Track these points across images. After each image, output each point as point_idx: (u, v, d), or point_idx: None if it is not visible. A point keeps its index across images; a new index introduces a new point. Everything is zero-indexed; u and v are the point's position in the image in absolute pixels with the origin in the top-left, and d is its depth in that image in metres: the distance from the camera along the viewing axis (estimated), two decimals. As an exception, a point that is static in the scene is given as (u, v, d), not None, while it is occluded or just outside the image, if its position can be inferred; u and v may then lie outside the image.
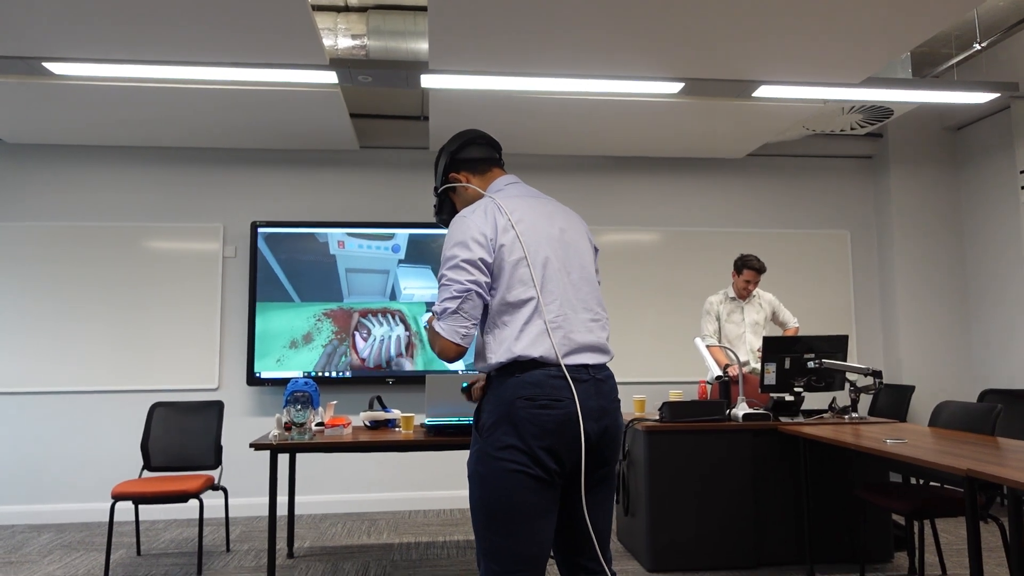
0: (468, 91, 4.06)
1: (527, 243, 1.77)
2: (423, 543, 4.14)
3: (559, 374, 1.70)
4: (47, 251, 4.95)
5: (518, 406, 1.67)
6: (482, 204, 1.82)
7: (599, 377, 1.76)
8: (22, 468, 4.80)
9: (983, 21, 4.36)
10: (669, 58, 3.61)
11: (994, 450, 2.59)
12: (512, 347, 1.70)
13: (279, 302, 4.95)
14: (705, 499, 3.50)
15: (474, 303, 1.72)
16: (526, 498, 1.66)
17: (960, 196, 5.63)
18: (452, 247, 1.75)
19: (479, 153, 1.97)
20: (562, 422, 1.68)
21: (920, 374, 5.41)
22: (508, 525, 1.66)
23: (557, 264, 1.79)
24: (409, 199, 5.31)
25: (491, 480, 1.68)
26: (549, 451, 1.67)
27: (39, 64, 3.55)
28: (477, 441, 1.75)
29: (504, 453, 1.67)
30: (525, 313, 1.73)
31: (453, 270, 1.72)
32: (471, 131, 2.01)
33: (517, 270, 1.74)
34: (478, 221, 1.76)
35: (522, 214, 1.80)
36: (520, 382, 1.69)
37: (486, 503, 1.69)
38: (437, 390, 3.41)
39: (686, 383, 5.29)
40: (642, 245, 5.47)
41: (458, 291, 1.71)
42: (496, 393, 1.73)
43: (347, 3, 3.99)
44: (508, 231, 1.76)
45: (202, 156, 5.19)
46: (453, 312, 1.71)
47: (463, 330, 1.71)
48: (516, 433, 1.67)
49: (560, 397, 1.68)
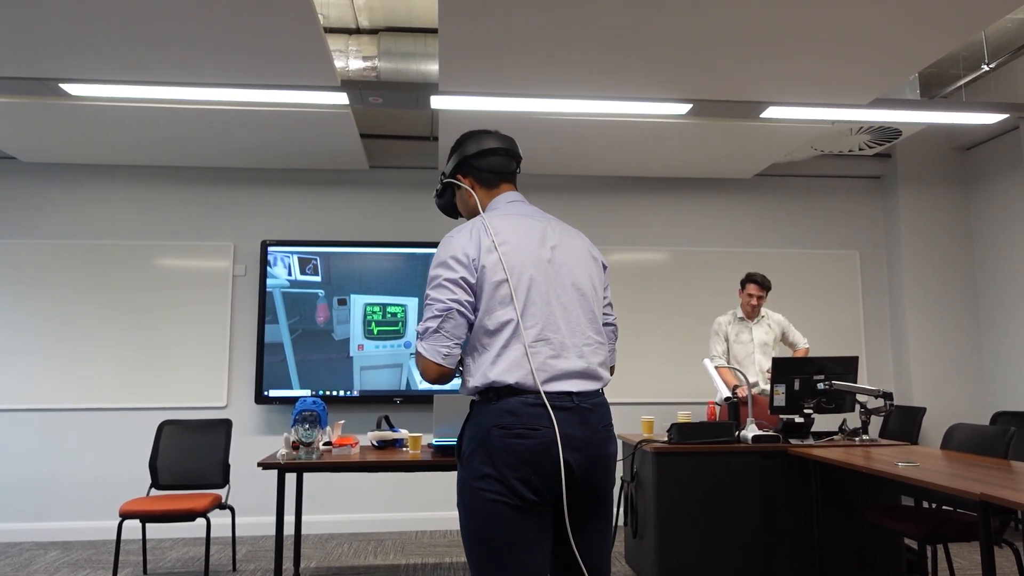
0: (477, 112, 4.09)
1: (510, 264, 1.71)
2: (430, 564, 4.11)
3: (537, 402, 1.64)
4: (59, 269, 4.99)
5: (493, 435, 1.63)
6: (470, 224, 1.79)
7: (584, 405, 1.69)
8: (30, 485, 4.81)
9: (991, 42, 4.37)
10: (677, 79, 3.63)
11: (1008, 474, 2.56)
12: (488, 372, 1.66)
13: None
14: (714, 522, 3.47)
15: (456, 322, 1.68)
16: (507, 527, 1.61)
17: (970, 216, 5.61)
18: (435, 267, 1.72)
19: (493, 166, 1.91)
20: (537, 452, 1.62)
21: (931, 396, 5.36)
22: (494, 555, 1.61)
23: (543, 286, 1.73)
24: (419, 219, 5.34)
25: (472, 509, 1.64)
26: (524, 481, 1.61)
27: (55, 85, 3.61)
28: (460, 469, 1.71)
29: (482, 483, 1.63)
30: (504, 336, 1.68)
31: (436, 289, 1.69)
32: (493, 139, 1.93)
33: (498, 292, 1.69)
34: (462, 241, 1.73)
35: (508, 235, 1.75)
36: (496, 410, 1.64)
37: (471, 532, 1.64)
38: (445, 410, 3.41)
39: (695, 404, 5.25)
40: (650, 265, 5.47)
41: (439, 310, 1.67)
42: (474, 421, 1.69)
43: (358, 25, 4.04)
44: (491, 252, 1.71)
45: (213, 176, 5.24)
46: (434, 331, 1.67)
47: (444, 350, 1.67)
48: (491, 462, 1.62)
49: (536, 426, 1.63)
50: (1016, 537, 4.19)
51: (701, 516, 3.46)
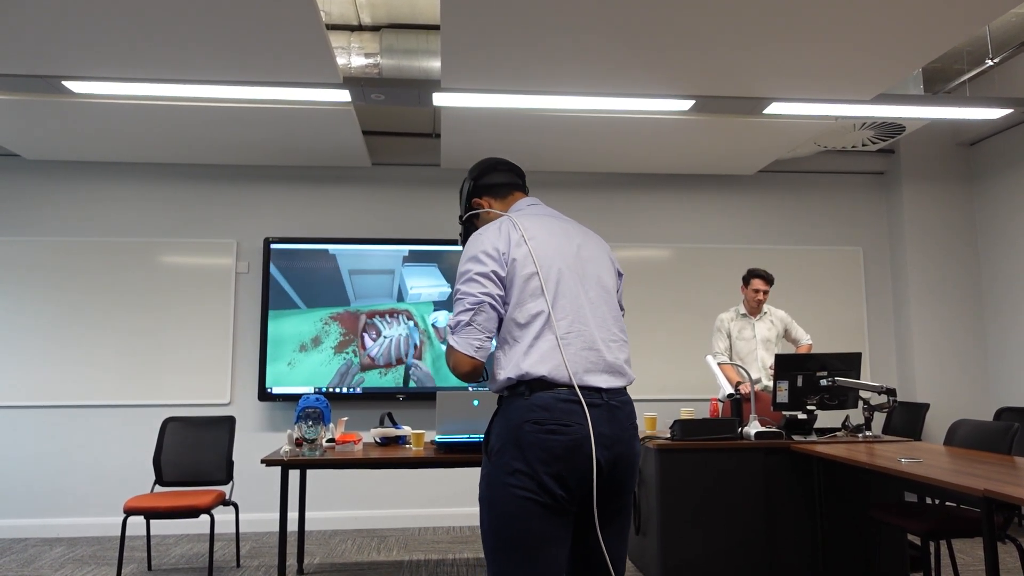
0: (480, 109, 4.09)
1: (539, 257, 1.73)
2: (433, 560, 4.12)
3: (569, 397, 1.65)
4: (63, 266, 5.00)
5: (526, 430, 1.63)
6: (496, 222, 1.82)
7: (613, 403, 1.70)
8: (35, 482, 4.83)
9: (995, 37, 4.35)
10: (680, 76, 3.62)
11: (1011, 470, 2.55)
12: (520, 363, 1.66)
13: (287, 309, 5.00)
14: (717, 518, 3.47)
15: (488, 315, 1.69)
16: (534, 525, 1.61)
17: (974, 211, 5.59)
18: (466, 262, 1.74)
19: (500, 179, 1.98)
20: (570, 448, 1.62)
21: (935, 392, 5.36)
22: (516, 551, 1.62)
23: (572, 280, 1.75)
24: (421, 216, 5.34)
25: (499, 505, 1.64)
26: (556, 477, 1.62)
27: (58, 82, 3.61)
28: (486, 464, 1.71)
29: (511, 478, 1.63)
30: (535, 328, 1.68)
31: (466, 283, 1.70)
32: (493, 158, 2.03)
33: (528, 284, 1.71)
34: (491, 236, 1.75)
35: (536, 231, 1.78)
36: (529, 405, 1.64)
37: (495, 528, 1.65)
38: (448, 407, 3.41)
39: (697, 401, 5.25)
40: (653, 262, 5.47)
41: (471, 303, 1.68)
42: (504, 415, 1.69)
43: (360, 22, 4.03)
44: (521, 246, 1.74)
45: (216, 173, 5.25)
46: (466, 324, 1.67)
47: (477, 342, 1.67)
48: (523, 458, 1.62)
49: (569, 422, 1.63)
50: (1020, 533, 4.19)
51: (704, 513, 3.46)
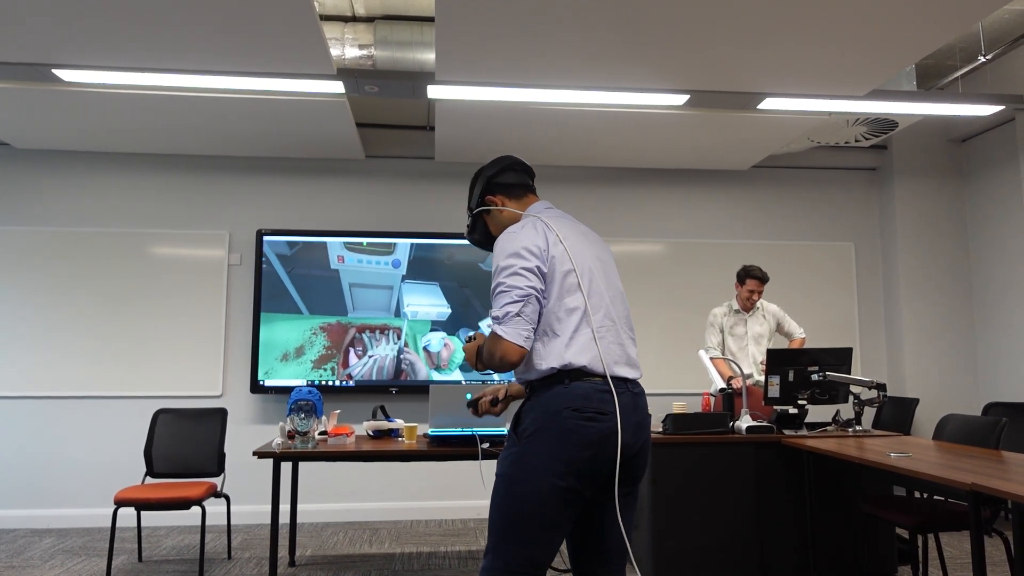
0: (474, 102, 4.08)
1: (574, 256, 1.85)
2: (425, 553, 4.13)
3: (604, 387, 1.76)
4: (54, 256, 4.97)
5: (565, 416, 1.72)
6: (529, 221, 1.90)
7: (635, 391, 1.83)
8: (25, 472, 4.81)
9: (988, 34, 4.36)
10: (675, 70, 3.62)
11: (998, 464, 2.58)
12: (563, 354, 1.76)
13: (285, 313, 4.96)
14: (708, 511, 3.49)
15: (534, 307, 1.77)
16: (553, 509, 1.70)
17: (965, 208, 5.62)
18: (507, 257, 1.81)
19: (516, 179, 2.05)
20: (605, 435, 1.73)
21: (924, 387, 5.39)
22: (524, 530, 1.70)
23: (599, 279, 1.88)
24: (415, 209, 5.33)
25: (522, 486, 1.72)
26: (590, 462, 1.72)
27: (48, 71, 3.58)
28: (514, 444, 1.78)
29: (543, 462, 1.71)
30: (574, 321, 1.79)
31: (511, 277, 1.77)
32: (509, 157, 2.10)
33: (567, 280, 1.81)
34: (530, 234, 1.84)
35: (566, 232, 1.89)
36: (568, 392, 1.74)
37: (508, 505, 1.73)
38: (441, 400, 3.41)
39: (690, 395, 5.28)
40: (646, 256, 5.48)
41: (519, 295, 1.75)
42: (541, 401, 1.77)
43: (355, 13, 4.01)
44: (558, 244, 1.84)
45: (209, 164, 5.22)
46: (515, 315, 1.74)
47: (525, 332, 1.75)
48: (558, 443, 1.71)
49: (605, 411, 1.74)
50: (1006, 527, 4.23)
51: (695, 506, 3.48)
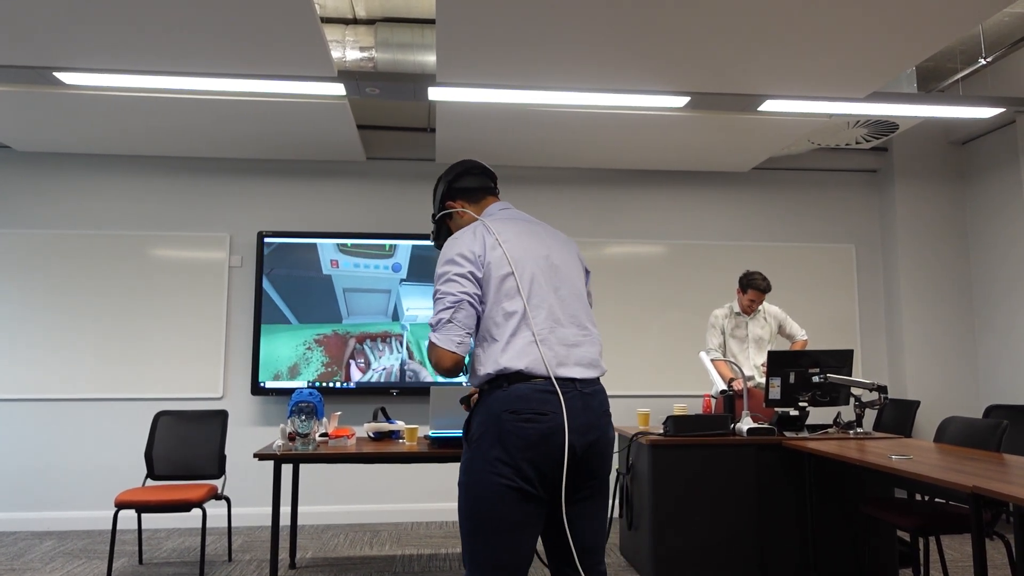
0: (475, 104, 4.08)
1: (513, 259, 1.86)
2: (426, 555, 4.13)
3: (545, 387, 1.76)
4: (55, 258, 4.97)
5: (504, 419, 1.74)
6: (472, 226, 1.94)
7: (586, 391, 1.81)
8: (25, 475, 4.81)
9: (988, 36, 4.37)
10: (675, 72, 3.62)
11: (1000, 466, 2.58)
12: (499, 359, 1.77)
13: (275, 324, 4.92)
14: (709, 514, 3.48)
15: (467, 312, 1.81)
16: (509, 510, 1.72)
17: (966, 210, 5.62)
18: (443, 265, 1.87)
19: (475, 183, 2.08)
20: (546, 435, 1.73)
21: (925, 389, 5.39)
22: (490, 535, 1.72)
23: (543, 280, 1.87)
24: (416, 211, 5.33)
25: (476, 490, 1.74)
26: (532, 464, 1.73)
27: (49, 73, 3.59)
28: (466, 452, 1.81)
29: (489, 465, 1.73)
30: (512, 325, 1.80)
31: (445, 284, 1.83)
32: (468, 161, 2.12)
33: (504, 284, 1.83)
34: (467, 240, 1.88)
35: (508, 234, 1.90)
36: (507, 395, 1.75)
37: (471, 512, 1.75)
38: (441, 402, 3.42)
39: (690, 397, 5.27)
40: (647, 258, 5.48)
41: (451, 302, 1.80)
42: (484, 406, 1.79)
43: (356, 15, 4.02)
44: (495, 248, 1.86)
45: (209, 166, 5.22)
46: (447, 322, 1.80)
47: (457, 338, 1.79)
48: (502, 445, 1.73)
49: (544, 411, 1.74)
50: (1007, 529, 4.22)
51: (696, 508, 3.48)
